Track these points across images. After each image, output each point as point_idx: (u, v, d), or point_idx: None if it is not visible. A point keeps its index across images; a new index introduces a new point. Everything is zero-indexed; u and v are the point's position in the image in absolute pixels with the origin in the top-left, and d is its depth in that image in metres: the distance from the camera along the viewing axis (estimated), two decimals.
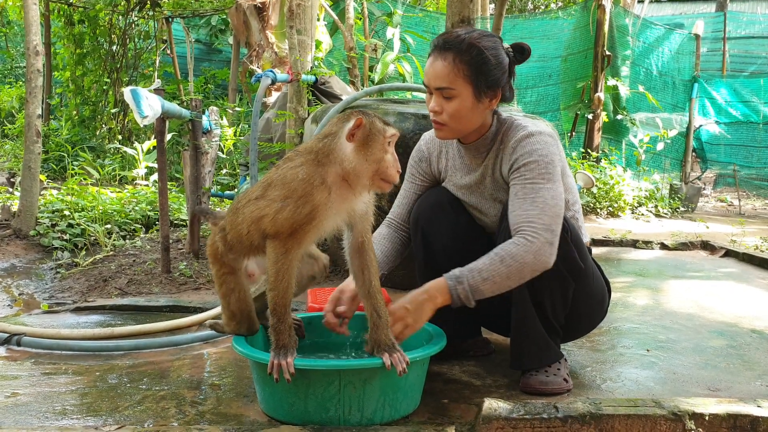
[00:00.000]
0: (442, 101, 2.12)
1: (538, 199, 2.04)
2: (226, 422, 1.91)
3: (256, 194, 1.86)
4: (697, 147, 9.73)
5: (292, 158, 1.84)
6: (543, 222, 2.00)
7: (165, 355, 2.58)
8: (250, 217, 1.84)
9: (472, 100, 2.11)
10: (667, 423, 1.82)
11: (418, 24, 8.87)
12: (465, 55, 2.08)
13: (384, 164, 1.80)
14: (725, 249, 4.99)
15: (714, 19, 12.44)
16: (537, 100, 9.31)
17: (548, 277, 2.10)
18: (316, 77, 4.74)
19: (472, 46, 2.09)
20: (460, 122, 2.14)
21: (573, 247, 2.13)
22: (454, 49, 2.09)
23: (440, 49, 2.12)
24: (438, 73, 2.10)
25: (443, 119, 2.14)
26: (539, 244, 1.98)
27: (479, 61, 2.09)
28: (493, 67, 2.11)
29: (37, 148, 4.50)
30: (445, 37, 2.15)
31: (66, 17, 8.46)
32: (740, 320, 3.17)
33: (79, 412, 2.00)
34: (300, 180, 1.76)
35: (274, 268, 1.79)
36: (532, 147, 2.10)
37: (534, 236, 1.98)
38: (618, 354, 2.63)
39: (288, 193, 1.76)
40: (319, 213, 1.76)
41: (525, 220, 2.02)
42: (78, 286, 3.66)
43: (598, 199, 7.13)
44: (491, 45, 2.13)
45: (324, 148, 1.81)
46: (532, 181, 2.07)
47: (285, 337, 1.81)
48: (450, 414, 2.01)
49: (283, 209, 1.76)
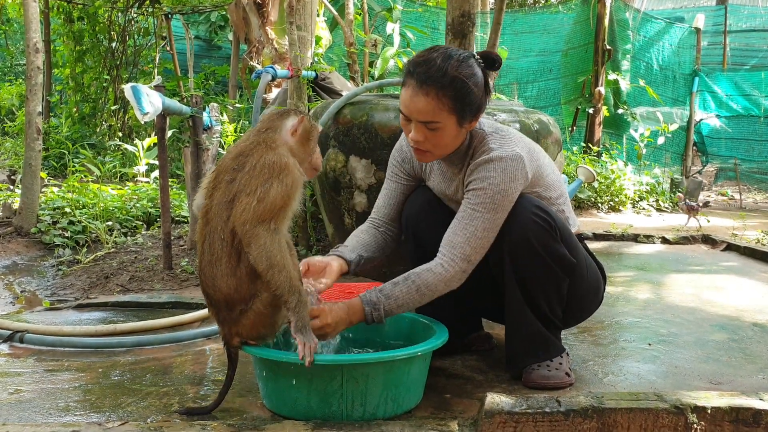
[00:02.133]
0: (426, 132, 2.06)
1: (470, 227, 2.06)
2: (229, 418, 1.91)
3: (224, 215, 1.82)
4: (697, 141, 9.70)
5: (246, 155, 1.84)
6: (464, 252, 2.06)
7: (167, 351, 2.59)
8: (242, 219, 1.79)
9: (456, 128, 2.07)
10: (669, 416, 1.82)
11: (418, 19, 8.85)
12: (448, 90, 2.00)
13: (316, 155, 2.03)
14: (726, 243, 4.98)
15: (714, 13, 12.41)
16: (537, 94, 9.30)
17: (540, 277, 2.11)
18: (317, 73, 4.72)
19: (455, 80, 2.01)
20: (443, 149, 2.12)
21: (563, 244, 2.13)
22: (435, 83, 2.00)
23: (420, 83, 2.01)
24: (420, 109, 2.02)
25: (426, 147, 2.10)
26: (453, 273, 2.06)
27: (463, 94, 2.03)
28: (475, 96, 2.05)
29: (37, 145, 4.51)
30: (423, 69, 2.02)
31: (65, 14, 8.45)
32: (742, 314, 3.17)
33: (82, 408, 2.00)
34: (272, 162, 1.82)
35: (272, 247, 1.77)
36: (486, 173, 2.07)
37: (450, 265, 2.06)
38: (620, 348, 2.64)
39: (268, 176, 1.80)
40: (297, 181, 1.85)
41: (449, 244, 2.08)
42: (80, 283, 3.67)
43: (599, 193, 7.13)
44: (470, 72, 2.04)
45: (270, 138, 1.89)
46: (473, 208, 2.07)
47: (307, 313, 1.82)
48: (452, 409, 2.01)
49: (269, 190, 1.78)
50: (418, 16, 8.94)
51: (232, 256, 1.82)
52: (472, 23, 3.45)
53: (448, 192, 2.29)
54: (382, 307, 2.01)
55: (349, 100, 3.48)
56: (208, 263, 1.85)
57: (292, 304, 1.80)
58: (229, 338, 1.91)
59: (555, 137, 3.49)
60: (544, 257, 2.10)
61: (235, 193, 1.80)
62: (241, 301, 1.85)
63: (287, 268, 1.79)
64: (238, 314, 1.87)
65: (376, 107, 3.37)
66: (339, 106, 3.44)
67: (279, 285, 1.78)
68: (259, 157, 1.83)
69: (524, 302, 2.15)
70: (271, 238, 1.78)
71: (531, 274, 2.12)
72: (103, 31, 8.45)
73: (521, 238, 2.09)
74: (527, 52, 9.17)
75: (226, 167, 1.86)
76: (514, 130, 2.26)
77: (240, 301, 1.85)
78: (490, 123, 2.21)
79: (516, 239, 2.10)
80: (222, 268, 1.83)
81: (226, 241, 1.81)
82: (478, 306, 2.48)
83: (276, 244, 1.78)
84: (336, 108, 3.43)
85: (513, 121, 3.30)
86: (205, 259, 1.85)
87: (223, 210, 1.81)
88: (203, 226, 1.87)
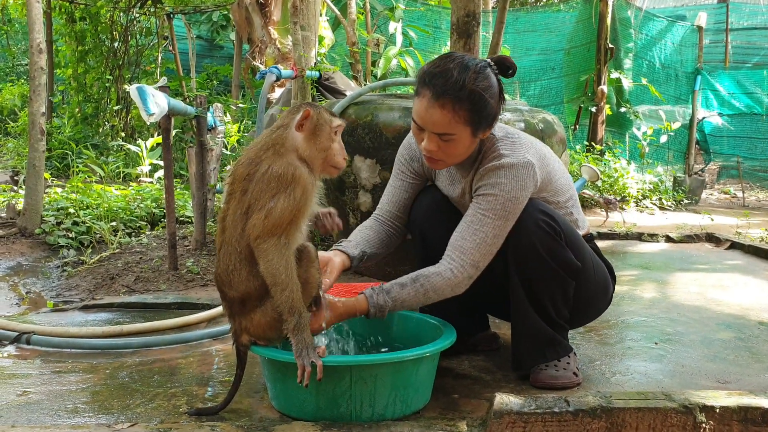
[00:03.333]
0: (440, 142, 2.05)
1: (480, 233, 2.06)
2: (238, 419, 1.91)
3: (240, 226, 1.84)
4: (700, 139, 9.69)
5: (256, 162, 1.85)
6: (473, 259, 2.06)
7: (174, 352, 2.59)
8: (254, 234, 1.80)
9: (470, 139, 2.07)
10: (677, 416, 1.82)
11: (420, 18, 8.85)
12: (465, 103, 1.99)
13: (332, 152, 1.92)
14: (730, 241, 4.97)
15: (716, 11, 12.39)
16: (540, 93, 9.29)
17: (546, 281, 2.11)
18: (320, 73, 4.73)
19: (473, 93, 1.99)
20: (456, 158, 2.12)
21: (568, 249, 2.13)
22: (452, 96, 1.98)
23: (437, 96, 1.99)
24: (436, 121, 2.01)
25: (439, 156, 2.09)
26: (461, 278, 2.06)
27: (480, 107, 2.01)
28: (491, 107, 2.05)
29: (41, 146, 4.51)
30: (440, 81, 2.00)
31: (67, 14, 8.45)
32: (747, 312, 3.17)
33: (90, 410, 2.01)
34: (279, 174, 1.81)
35: (279, 264, 1.79)
36: (497, 179, 2.07)
37: (460, 271, 2.06)
38: (626, 347, 2.64)
39: (276, 190, 1.79)
40: (308, 191, 1.84)
41: (458, 249, 2.07)
42: (85, 284, 3.67)
43: (602, 192, 7.13)
44: (487, 85, 2.02)
45: (278, 139, 1.88)
46: (484, 213, 2.07)
47: (308, 333, 1.82)
48: (461, 409, 2.01)
49: (276, 205, 1.78)
50: (420, 15, 8.93)
51: (247, 267, 1.84)
52: (477, 23, 3.45)
53: (453, 195, 2.29)
54: (387, 309, 2.03)
55: (353, 100, 3.48)
56: (224, 270, 1.88)
57: (291, 325, 1.81)
58: (239, 333, 1.92)
59: (560, 136, 3.48)
60: (550, 262, 2.10)
61: (249, 205, 1.82)
62: (257, 298, 1.87)
63: (290, 288, 1.80)
64: (250, 309, 1.88)
65: (380, 107, 3.37)
66: (343, 106, 3.44)
67: (280, 303, 1.81)
68: (267, 167, 1.82)
69: (530, 305, 2.15)
70: (279, 254, 1.78)
71: (536, 278, 2.13)
72: (105, 31, 8.45)
73: (526, 243, 2.09)
74: (529, 51, 9.17)
75: (240, 175, 1.87)
76: (524, 134, 2.24)
77: (255, 299, 1.87)
78: (501, 127, 2.20)
79: (521, 244, 2.10)
80: (237, 276, 1.85)
81: (242, 254, 1.84)
82: (484, 304, 2.48)
83: (283, 260, 1.79)
84: (340, 108, 3.43)
85: (518, 121, 3.30)
86: (221, 265, 1.88)
87: (238, 222, 1.84)
88: (221, 232, 1.90)
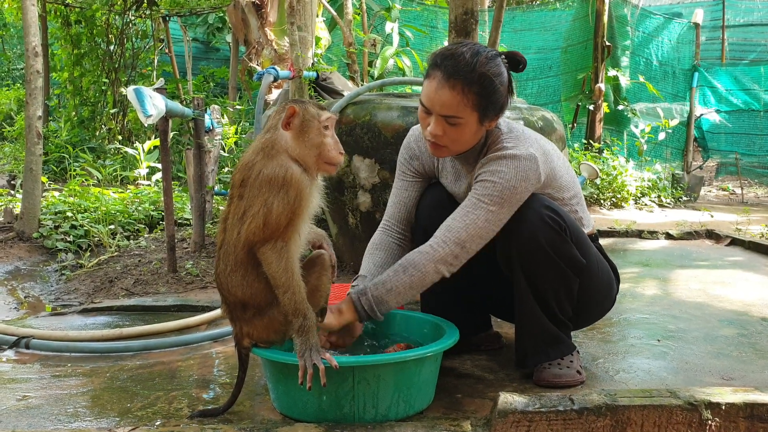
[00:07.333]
0: (446, 126, 2.03)
1: (471, 215, 2.03)
2: (240, 421, 1.90)
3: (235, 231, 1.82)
4: (698, 136, 9.70)
5: (249, 166, 1.82)
6: (458, 237, 2.01)
7: (174, 354, 2.57)
8: (252, 240, 1.79)
9: (477, 125, 2.05)
10: (683, 413, 1.81)
11: (416, 18, 8.83)
12: (475, 86, 1.98)
13: (324, 148, 1.86)
14: (731, 237, 4.97)
15: (712, 8, 12.38)
16: (538, 91, 9.29)
17: (550, 277, 2.09)
18: (318, 73, 4.72)
19: (483, 77, 1.98)
20: (461, 145, 2.10)
21: (572, 245, 2.11)
22: (462, 78, 1.98)
23: (447, 76, 1.99)
24: (445, 102, 2.00)
25: (444, 142, 2.07)
26: (442, 254, 2.00)
27: (489, 91, 2.01)
28: (500, 95, 2.04)
29: (38, 149, 4.49)
30: (451, 62, 2.00)
31: (63, 18, 8.43)
32: (750, 308, 3.15)
33: (91, 414, 1.99)
34: (270, 177, 1.77)
35: (279, 268, 1.77)
36: (498, 167, 2.05)
37: (440, 246, 2.01)
38: (629, 345, 2.62)
39: (268, 194, 1.76)
40: (302, 192, 1.79)
41: (444, 227, 2.04)
42: (84, 287, 3.65)
43: (601, 189, 7.12)
44: (498, 71, 2.02)
45: (268, 141, 1.85)
46: (478, 198, 2.04)
47: (313, 335, 1.80)
48: (464, 409, 2.00)
49: (270, 209, 1.75)
50: (416, 15, 8.92)
51: (247, 270, 1.82)
52: (475, 21, 3.44)
53: (458, 191, 2.27)
54: (369, 292, 1.99)
55: (351, 100, 3.47)
56: (223, 272, 1.86)
57: (296, 327, 1.80)
58: (240, 337, 1.91)
59: (559, 134, 3.47)
60: (554, 258, 2.08)
61: (244, 210, 1.80)
62: (257, 306, 1.85)
63: (291, 291, 1.78)
64: (251, 315, 1.87)
65: (378, 107, 3.36)
66: (342, 106, 3.42)
67: (284, 305, 1.80)
68: (258, 171, 1.80)
69: (534, 302, 2.13)
70: (277, 257, 1.77)
71: (541, 274, 2.10)
72: (100, 35, 8.44)
73: (531, 238, 2.07)
74: (526, 50, 9.14)
75: (236, 180, 1.85)
76: (529, 130, 2.23)
77: (255, 306, 1.86)
78: (507, 122, 2.19)
79: (525, 239, 2.07)
80: (237, 279, 1.84)
81: (239, 258, 1.82)
82: (487, 303, 2.46)
83: (282, 263, 1.77)
84: (338, 108, 3.41)
85: (517, 119, 3.29)
86: (221, 267, 1.87)
87: (235, 226, 1.82)
88: (221, 232, 1.88)
